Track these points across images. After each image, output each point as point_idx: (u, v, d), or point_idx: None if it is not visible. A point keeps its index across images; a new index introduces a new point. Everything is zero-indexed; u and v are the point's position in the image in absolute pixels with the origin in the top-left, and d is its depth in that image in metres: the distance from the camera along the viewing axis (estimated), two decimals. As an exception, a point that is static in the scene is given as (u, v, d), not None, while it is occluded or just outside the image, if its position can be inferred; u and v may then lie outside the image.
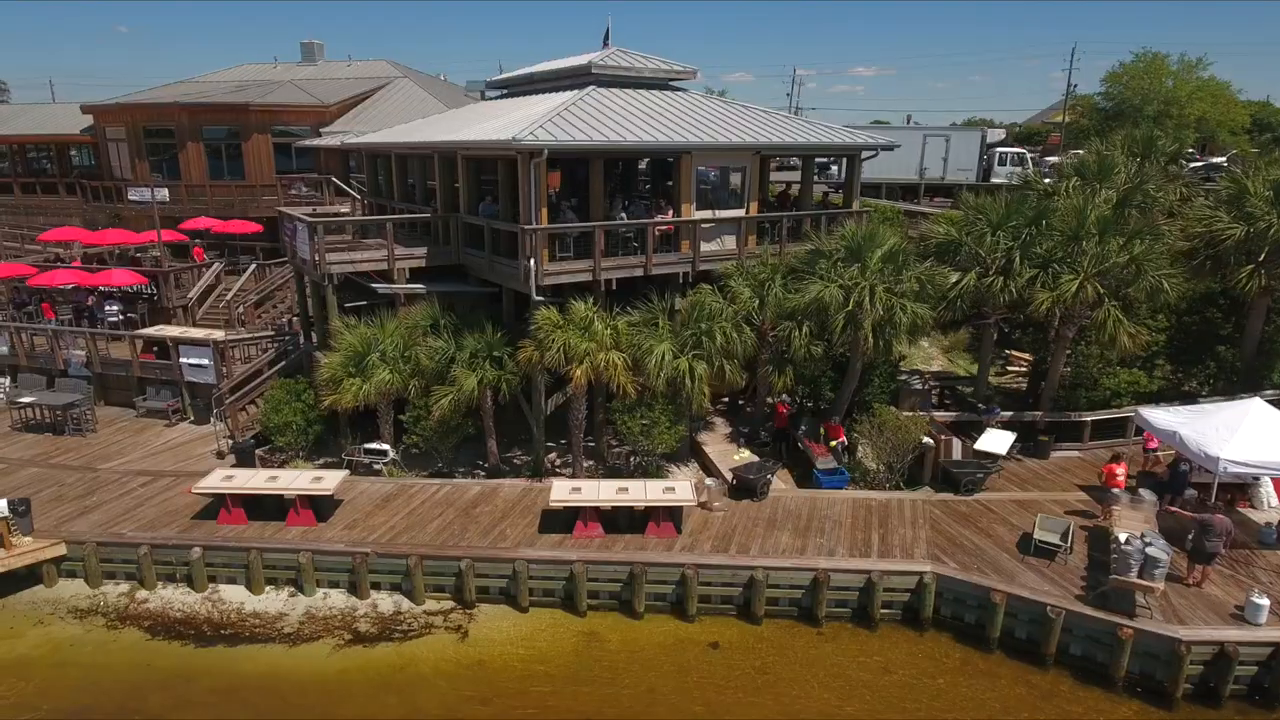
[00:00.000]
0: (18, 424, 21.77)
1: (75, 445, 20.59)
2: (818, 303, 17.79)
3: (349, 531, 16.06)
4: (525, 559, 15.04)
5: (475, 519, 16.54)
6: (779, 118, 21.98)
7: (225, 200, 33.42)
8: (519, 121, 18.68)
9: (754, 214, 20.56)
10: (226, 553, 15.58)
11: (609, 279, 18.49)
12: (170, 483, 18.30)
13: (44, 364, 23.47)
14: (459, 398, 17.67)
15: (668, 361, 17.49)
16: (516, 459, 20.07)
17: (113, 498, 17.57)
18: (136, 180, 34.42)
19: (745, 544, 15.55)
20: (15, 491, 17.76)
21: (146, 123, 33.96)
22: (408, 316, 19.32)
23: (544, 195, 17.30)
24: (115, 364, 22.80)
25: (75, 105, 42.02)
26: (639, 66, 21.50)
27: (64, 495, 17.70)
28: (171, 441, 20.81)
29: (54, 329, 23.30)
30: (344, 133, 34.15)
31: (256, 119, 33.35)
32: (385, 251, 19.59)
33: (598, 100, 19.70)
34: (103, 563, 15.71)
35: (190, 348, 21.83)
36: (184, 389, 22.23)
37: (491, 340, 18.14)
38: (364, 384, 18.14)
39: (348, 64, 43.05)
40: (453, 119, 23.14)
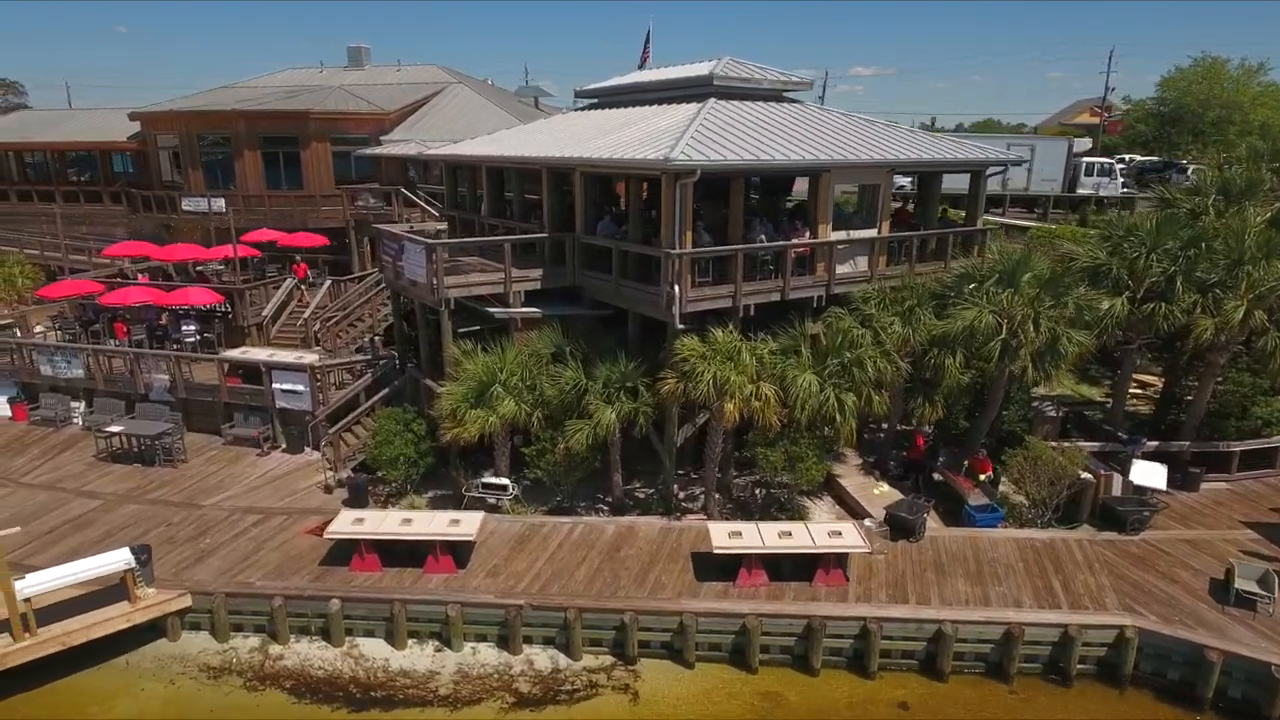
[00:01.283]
0: (103, 453, 20.63)
1: (169, 477, 19.46)
2: (970, 330, 16.81)
3: (493, 580, 14.98)
4: (694, 612, 14.00)
5: (623, 564, 15.48)
6: (904, 132, 20.98)
7: (283, 210, 32.30)
8: (651, 137, 17.67)
9: (886, 234, 19.51)
10: (366, 604, 14.49)
11: (747, 304, 17.45)
12: (284, 522, 17.20)
13: (123, 388, 22.32)
14: (595, 431, 16.63)
15: (814, 392, 16.48)
16: (638, 492, 19.03)
17: (227, 540, 16.47)
18: (190, 189, 33.29)
19: (923, 593, 14.53)
20: (122, 533, 16.73)
21: (202, 130, 32.86)
22: (527, 343, 18.26)
23: (689, 217, 16.25)
24: (200, 388, 21.66)
25: (118, 111, 40.97)
26: (758, 78, 20.46)
27: (175, 537, 16.59)
28: (269, 473, 19.69)
29: (136, 351, 22.13)
30: (405, 140, 33.14)
31: (316, 126, 32.29)
32: (502, 274, 18.51)
33: (725, 115, 18.66)
34: (231, 614, 14.62)
35: (284, 372, 20.70)
36: (275, 416, 21.11)
37: (626, 370, 17.08)
38: (489, 416, 17.07)
39: (396, 68, 41.94)
40: (555, 131, 22.04)
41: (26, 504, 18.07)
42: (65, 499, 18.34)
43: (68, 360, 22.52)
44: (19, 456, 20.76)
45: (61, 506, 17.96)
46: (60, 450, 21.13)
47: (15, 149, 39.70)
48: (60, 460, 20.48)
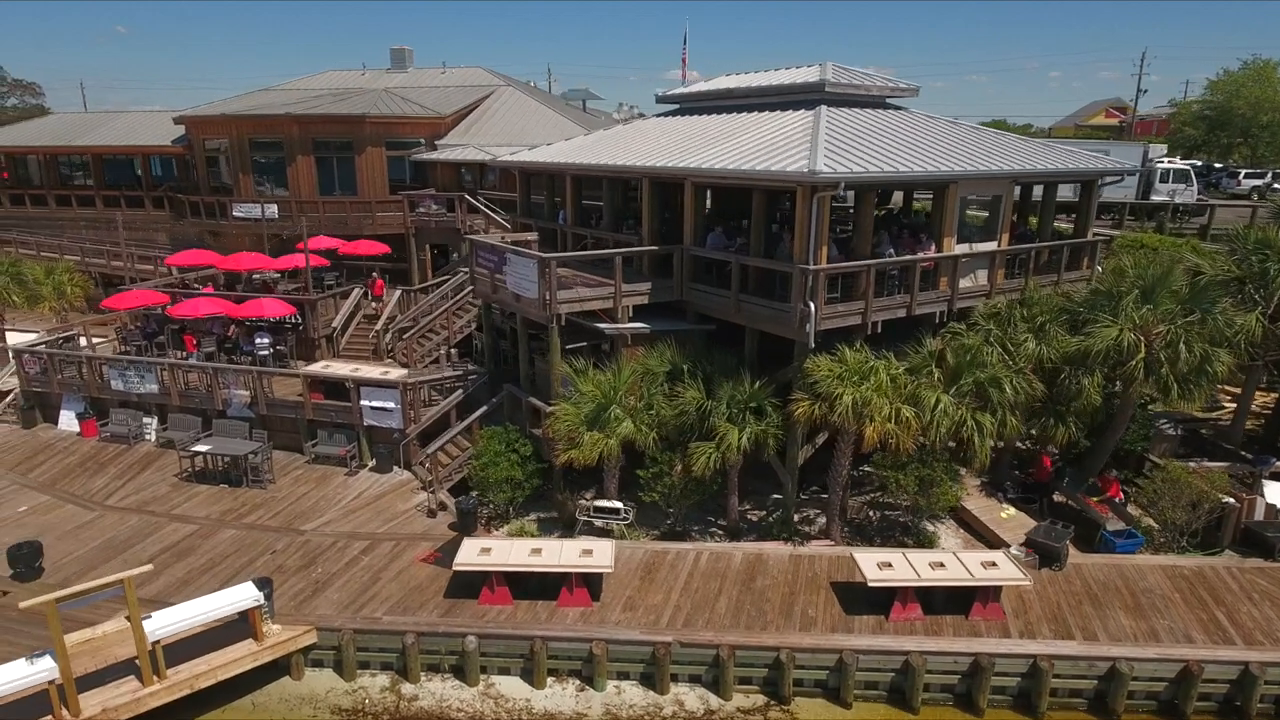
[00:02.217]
0: (185, 473, 19.84)
1: (260, 499, 18.68)
2: (1112, 348, 16.13)
3: (631, 613, 14.25)
4: (853, 649, 13.28)
5: (763, 595, 14.76)
6: (1015, 140, 20.29)
7: (337, 217, 31.48)
8: (771, 147, 16.96)
9: (1008, 246, 18.81)
10: (502, 641, 13.74)
11: (874, 321, 16.74)
12: (393, 549, 16.43)
13: (200, 404, 21.53)
14: (722, 454, 15.91)
15: (950, 414, 15.78)
16: (750, 514, 18.33)
17: (339, 569, 15.70)
18: (239, 195, 32.45)
19: (1086, 627, 13.83)
20: (226, 561, 15.98)
21: (253, 134, 31.98)
22: (639, 360, 17.53)
23: (825, 232, 15.53)
24: (281, 404, 20.87)
25: (158, 114, 40.18)
26: (866, 84, 19.75)
27: (284, 566, 15.82)
28: (363, 495, 18.92)
29: (216, 366, 21.33)
30: (462, 145, 32.41)
31: (371, 130, 31.46)
32: (610, 288, 17.78)
33: (844, 123, 17.95)
34: (358, 651, 13.85)
35: (373, 389, 19.93)
36: (362, 433, 20.33)
37: (753, 390, 16.36)
38: (607, 439, 16.33)
39: (441, 71, 41.12)
40: (649, 139, 21.26)
41: (119, 530, 17.28)
42: (158, 523, 17.55)
43: (141, 375, 21.72)
44: (97, 476, 19.96)
45: (156, 532, 17.18)
46: (139, 469, 20.32)
47: (54, 153, 38.82)
48: (142, 480, 19.68)
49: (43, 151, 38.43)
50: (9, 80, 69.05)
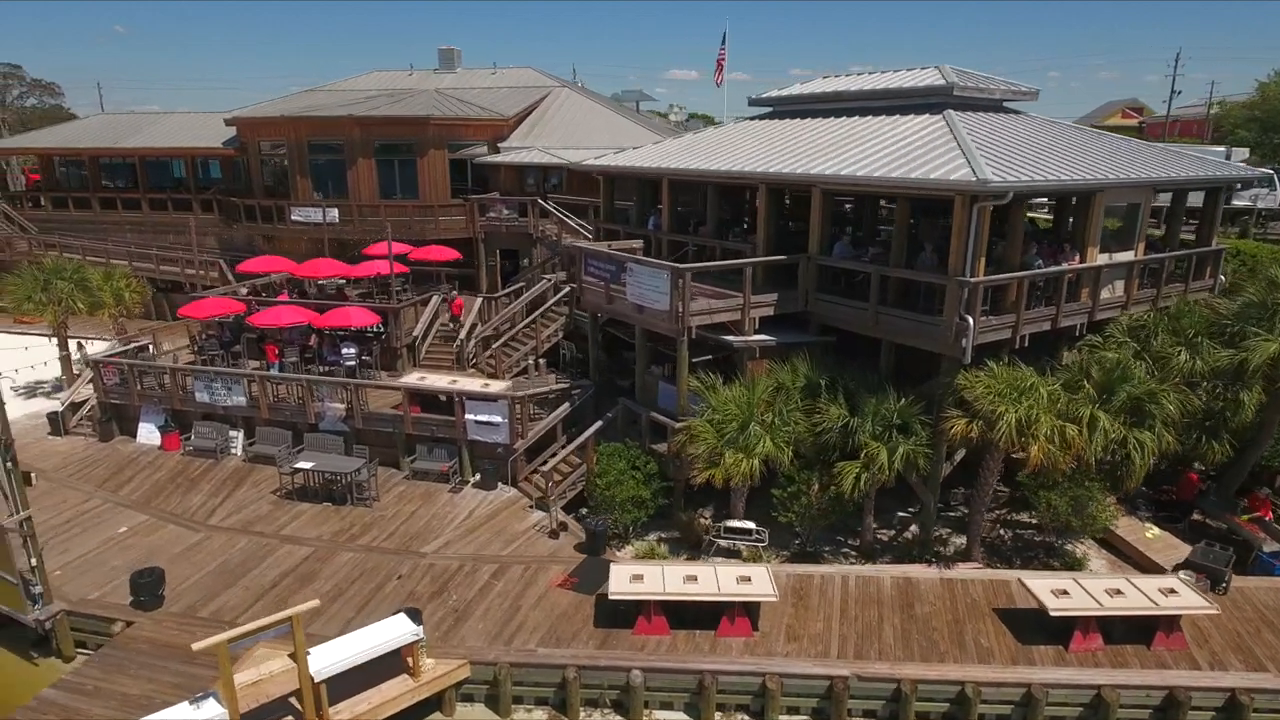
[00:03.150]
0: (284, 490, 19.09)
1: (369, 519, 17.94)
2: (1266, 362, 15.53)
3: (796, 643, 13.57)
4: (1042, 683, 12.63)
5: (928, 623, 14.09)
6: (1144, 146, 19.68)
7: (399, 221, 30.63)
8: (905, 153, 16.38)
9: (1144, 256, 18.20)
10: (668, 675, 13.05)
11: (1022, 335, 16.10)
12: (524, 574, 15.72)
13: (290, 417, 20.78)
14: (873, 473, 15.25)
15: (1108, 431, 15.15)
16: (878, 534, 17.67)
17: (474, 596, 14.98)
18: (296, 198, 31.69)
19: (1277, 658, 13.20)
20: (353, 587, 15.29)
21: (312, 136, 31.22)
22: (772, 375, 16.86)
23: (984, 244, 14.88)
24: (378, 418, 20.13)
25: (203, 115, 39.41)
26: (989, 87, 19.13)
27: (416, 593, 15.09)
28: (475, 514, 18.19)
29: (311, 378, 20.58)
30: (526, 148, 31.71)
31: (435, 132, 30.74)
32: (738, 299, 17.12)
33: (979, 128, 17.29)
34: (514, 686, 13.15)
35: (479, 403, 19.21)
36: (465, 449, 19.61)
37: (900, 407, 15.69)
38: (749, 458, 15.66)
39: (492, 71, 40.38)
40: (758, 143, 20.53)
41: (230, 552, 16.53)
42: (269, 545, 16.81)
43: (228, 387, 20.95)
44: (191, 493, 19.20)
45: (269, 555, 16.43)
46: (233, 486, 19.57)
47: (99, 155, 38.04)
48: (240, 498, 18.92)
49: (88, 154, 37.63)
50: (28, 80, 68.05)
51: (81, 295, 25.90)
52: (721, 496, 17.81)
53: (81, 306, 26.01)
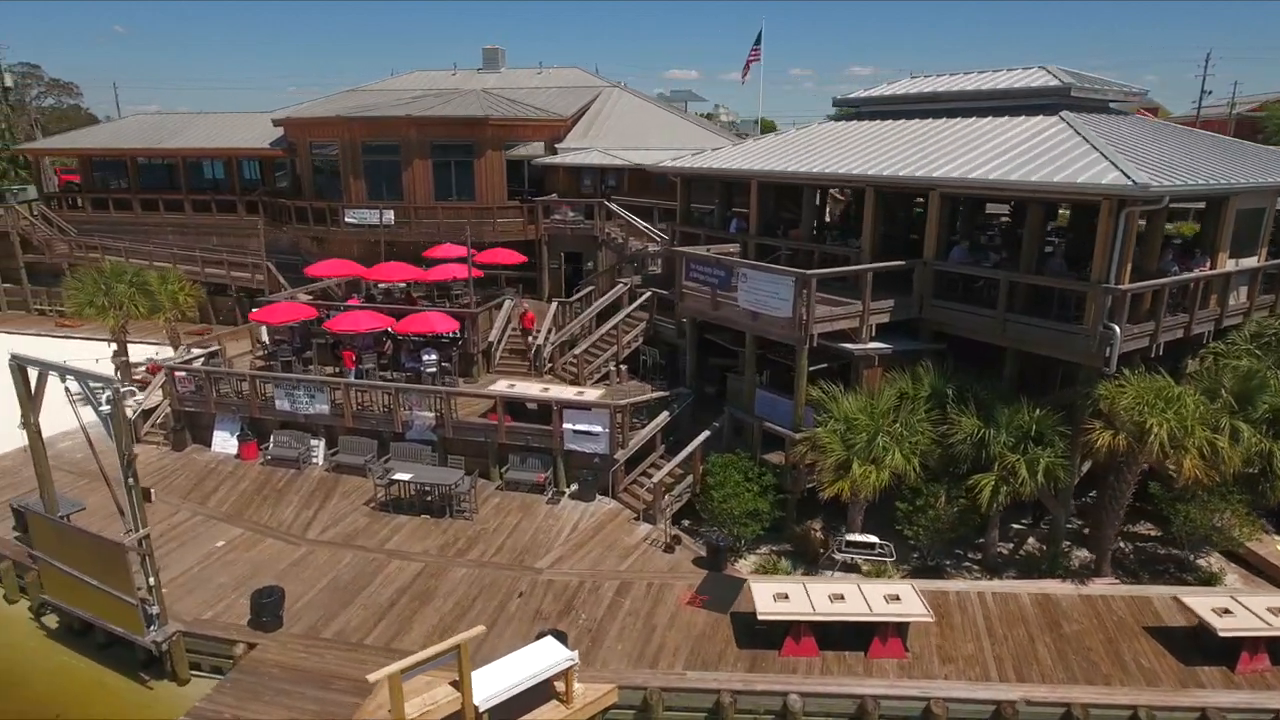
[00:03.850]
0: (377, 502, 18.52)
1: (472, 532, 17.38)
2: None
3: (952, 665, 13.08)
4: (1217, 706, 12.15)
5: (1080, 643, 13.61)
6: (1259, 148, 19.25)
7: (456, 223, 30.10)
8: (1025, 155, 15.92)
9: (1267, 261, 17.77)
10: (827, 699, 12.53)
11: (1158, 343, 15.64)
12: (650, 591, 15.18)
13: (375, 425, 20.21)
14: (1015, 486, 14.78)
15: (1251, 443, 14.71)
16: (998, 548, 17.17)
17: (604, 615, 14.44)
18: (349, 200, 31.06)
19: None
20: (476, 606, 14.81)
21: (366, 137, 30.57)
22: (895, 384, 16.36)
23: (1130, 250, 14.40)
24: (469, 427, 19.57)
25: (248, 115, 38.80)
26: (1103, 88, 18.67)
27: (542, 612, 14.55)
28: (579, 527, 17.64)
29: (400, 385, 20.00)
30: (585, 149, 31.14)
31: (493, 133, 30.13)
32: (859, 306, 16.63)
33: (1104, 130, 16.81)
34: (665, 710, 12.63)
35: (579, 412, 18.66)
36: (561, 459, 19.07)
37: (1037, 417, 15.21)
38: (877, 471, 15.17)
39: (537, 71, 39.80)
40: (855, 144, 20.03)
41: (338, 569, 15.96)
42: (377, 560, 16.25)
43: (311, 395, 20.36)
44: (281, 505, 18.61)
45: (380, 571, 15.87)
46: (322, 497, 18.98)
47: (142, 155, 37.37)
48: (334, 510, 18.34)
49: (130, 154, 36.93)
50: (46, 80, 67.20)
51: (143, 299, 25.33)
52: (829, 509, 17.36)
53: (143, 311, 25.44)
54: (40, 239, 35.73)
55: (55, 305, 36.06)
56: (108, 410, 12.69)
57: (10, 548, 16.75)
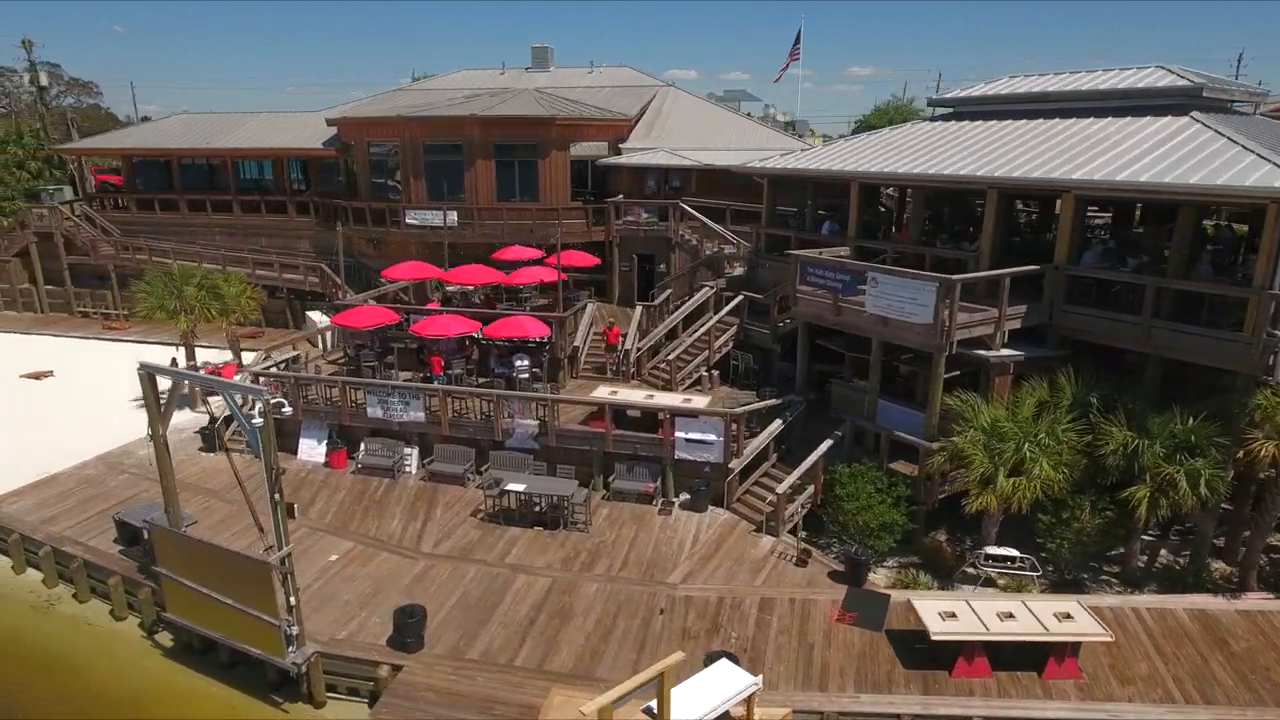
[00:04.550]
0: (486, 513, 17.95)
1: (591, 545, 16.84)
2: None
3: (1131, 687, 12.59)
4: None
5: (1254, 661, 13.11)
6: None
7: (520, 225, 29.65)
8: (1168, 156, 15.43)
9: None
10: (1011, 724, 12.04)
11: (1309, 350, 15.16)
12: (794, 609, 14.65)
13: (474, 434, 19.65)
14: (1173, 499, 14.30)
15: None
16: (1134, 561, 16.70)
17: (754, 634, 13.92)
18: (409, 200, 30.48)
19: None
20: (620, 625, 14.31)
21: (428, 137, 30.00)
22: (1031, 392, 15.88)
23: (1299, 253, 13.95)
24: (574, 436, 19.03)
25: (299, 115, 38.22)
26: (1230, 88, 18.24)
27: (689, 630, 14.03)
28: (700, 539, 17.10)
29: (501, 393, 19.44)
30: (651, 149, 30.62)
31: (558, 133, 29.60)
32: (995, 312, 16.15)
33: (1246, 130, 16.36)
34: (838, 735, 12.12)
35: (692, 420, 18.14)
36: (670, 468, 18.54)
37: (1193, 427, 14.72)
38: (1027, 483, 14.70)
39: (589, 70, 39.24)
40: (959, 145, 19.56)
41: (464, 584, 15.38)
42: (501, 575, 15.68)
43: (406, 401, 19.79)
44: (385, 517, 18.04)
45: (508, 587, 15.31)
46: (425, 508, 18.41)
47: (187, 155, 36.71)
48: (441, 522, 17.77)
49: (176, 154, 36.27)
50: (66, 79, 66.31)
51: (214, 302, 24.75)
52: (952, 520, 16.90)
53: (214, 314, 24.86)
54: (84, 240, 35.07)
55: (100, 307, 35.49)
56: (260, 423, 12.08)
57: (116, 562, 16.15)
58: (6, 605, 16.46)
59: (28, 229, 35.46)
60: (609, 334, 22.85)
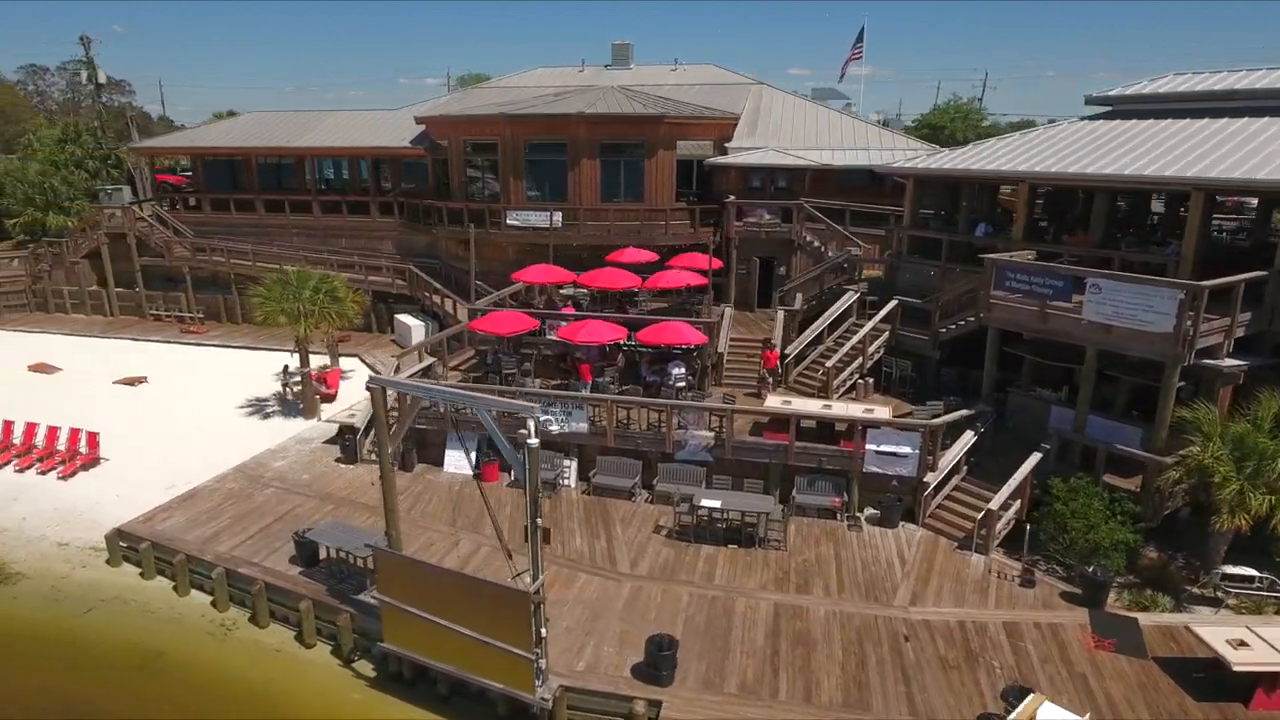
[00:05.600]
0: (675, 530, 17.07)
1: (795, 564, 15.95)
2: None
3: None
4: None
5: None
6: None
7: (626, 226, 28.77)
8: None
9: None
10: (1333, 762, 11.27)
11: None
12: (1045, 635, 13.84)
13: (641, 445, 18.76)
14: None
15: None
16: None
17: (1015, 663, 13.09)
18: (509, 201, 29.53)
19: None
20: (870, 653, 13.33)
21: (531, 136, 29.05)
22: (1267, 403, 15.11)
23: None
24: (753, 448, 18.17)
25: (370, 113, 37.26)
26: None
27: (946, 658, 13.18)
28: (908, 558, 16.25)
29: (675, 403, 18.57)
30: (760, 148, 29.77)
31: (666, 132, 28.69)
32: (1227, 320, 15.40)
33: None
34: (1147, 775, 11.32)
35: (884, 432, 17.32)
36: (856, 481, 17.72)
37: None
38: None
39: (673, 68, 38.38)
40: (1142, 144, 18.82)
41: (687, 609, 14.47)
42: (718, 598, 14.78)
43: (568, 412, 18.89)
44: (563, 534, 17.07)
45: (730, 612, 14.38)
46: (602, 524, 17.50)
47: (266, 155, 35.64)
48: (628, 540, 16.86)
49: (255, 154, 35.19)
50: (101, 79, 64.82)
51: (332, 305, 23.78)
52: (1164, 537, 16.11)
53: (335, 318, 23.90)
54: (158, 241, 33.95)
55: (173, 310, 34.36)
56: (536, 444, 11.19)
57: (303, 585, 15.19)
58: (180, 631, 15.46)
59: (99, 229, 34.31)
60: (768, 357, 21.57)
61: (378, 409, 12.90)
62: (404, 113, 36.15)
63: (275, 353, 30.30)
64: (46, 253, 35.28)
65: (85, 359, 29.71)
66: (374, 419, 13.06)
